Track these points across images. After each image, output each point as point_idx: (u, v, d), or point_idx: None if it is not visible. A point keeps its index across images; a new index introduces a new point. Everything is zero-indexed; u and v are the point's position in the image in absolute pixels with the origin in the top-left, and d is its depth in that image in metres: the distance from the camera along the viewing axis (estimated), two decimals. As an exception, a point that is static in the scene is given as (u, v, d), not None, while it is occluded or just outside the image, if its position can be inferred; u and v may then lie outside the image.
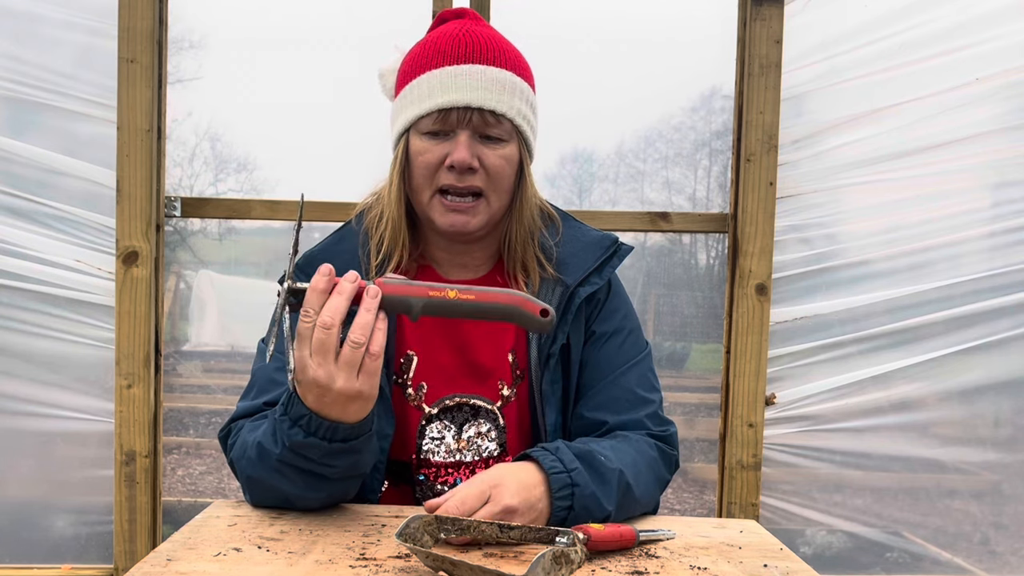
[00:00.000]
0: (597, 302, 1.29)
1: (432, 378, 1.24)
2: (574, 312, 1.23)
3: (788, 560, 0.99)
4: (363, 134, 2.16)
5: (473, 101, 1.15)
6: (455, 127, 1.16)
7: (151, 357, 2.04)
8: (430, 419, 1.24)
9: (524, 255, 1.26)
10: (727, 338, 2.12)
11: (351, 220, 1.31)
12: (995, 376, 2.13)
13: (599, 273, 1.26)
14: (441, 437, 1.23)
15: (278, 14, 2.18)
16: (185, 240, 2.30)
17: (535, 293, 1.25)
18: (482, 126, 1.16)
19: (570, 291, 1.23)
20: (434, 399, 1.24)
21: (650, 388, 1.29)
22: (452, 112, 1.15)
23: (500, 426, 1.24)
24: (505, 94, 1.17)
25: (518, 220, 1.25)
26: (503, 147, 1.19)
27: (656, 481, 1.20)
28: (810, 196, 2.11)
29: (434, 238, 1.27)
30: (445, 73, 1.16)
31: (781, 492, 2.15)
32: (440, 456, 1.23)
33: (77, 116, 2.03)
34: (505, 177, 1.20)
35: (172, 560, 0.90)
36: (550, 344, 1.22)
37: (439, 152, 1.17)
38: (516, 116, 1.18)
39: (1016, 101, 2.09)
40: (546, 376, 1.22)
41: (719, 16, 2.12)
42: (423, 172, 1.19)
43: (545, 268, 1.25)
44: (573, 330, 1.25)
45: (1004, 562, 2.18)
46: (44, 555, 2.09)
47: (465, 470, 1.24)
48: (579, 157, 2.34)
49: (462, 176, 1.17)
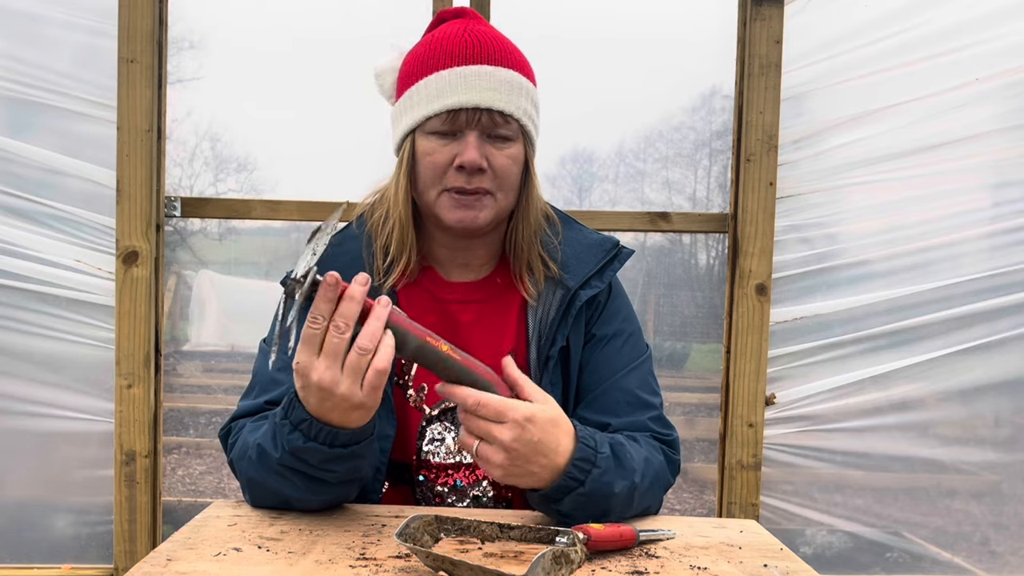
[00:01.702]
0: (598, 305, 1.29)
1: (433, 380, 1.24)
2: (574, 315, 1.23)
3: (788, 560, 0.99)
4: (363, 134, 2.16)
5: (483, 102, 1.15)
6: (464, 127, 1.16)
7: (151, 357, 2.04)
8: (430, 420, 1.24)
9: (530, 254, 1.26)
10: (727, 338, 2.12)
11: (351, 223, 1.31)
12: (995, 376, 2.13)
13: (600, 276, 1.26)
14: (441, 439, 1.24)
15: (278, 14, 2.18)
16: (185, 240, 2.30)
17: (539, 293, 1.25)
18: (490, 126, 1.17)
19: (571, 293, 1.23)
20: (434, 401, 1.24)
21: (651, 391, 1.29)
22: (461, 113, 1.15)
23: None
24: (513, 95, 1.17)
25: (524, 219, 1.25)
26: (510, 147, 1.19)
27: (661, 487, 1.20)
28: (810, 196, 2.11)
29: (438, 236, 1.27)
30: (454, 74, 1.16)
31: (781, 492, 2.15)
32: (440, 457, 1.23)
33: (77, 116, 2.03)
34: (512, 176, 1.20)
35: (172, 560, 0.90)
36: (549, 346, 1.23)
37: (447, 153, 1.17)
38: (523, 116, 1.19)
39: (1016, 101, 2.09)
40: (545, 377, 1.22)
41: (719, 16, 2.12)
42: (431, 172, 1.18)
43: (550, 267, 1.26)
44: (573, 332, 1.25)
45: (1004, 562, 2.18)
46: (44, 555, 2.09)
47: (465, 471, 1.24)
48: (579, 157, 2.34)
49: (471, 177, 1.17)
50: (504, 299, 1.28)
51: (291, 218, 2.12)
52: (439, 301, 1.27)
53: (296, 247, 1.25)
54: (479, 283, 1.29)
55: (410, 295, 1.26)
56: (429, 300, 1.27)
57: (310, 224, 2.20)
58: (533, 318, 1.24)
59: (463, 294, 1.28)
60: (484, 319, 1.26)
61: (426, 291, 1.27)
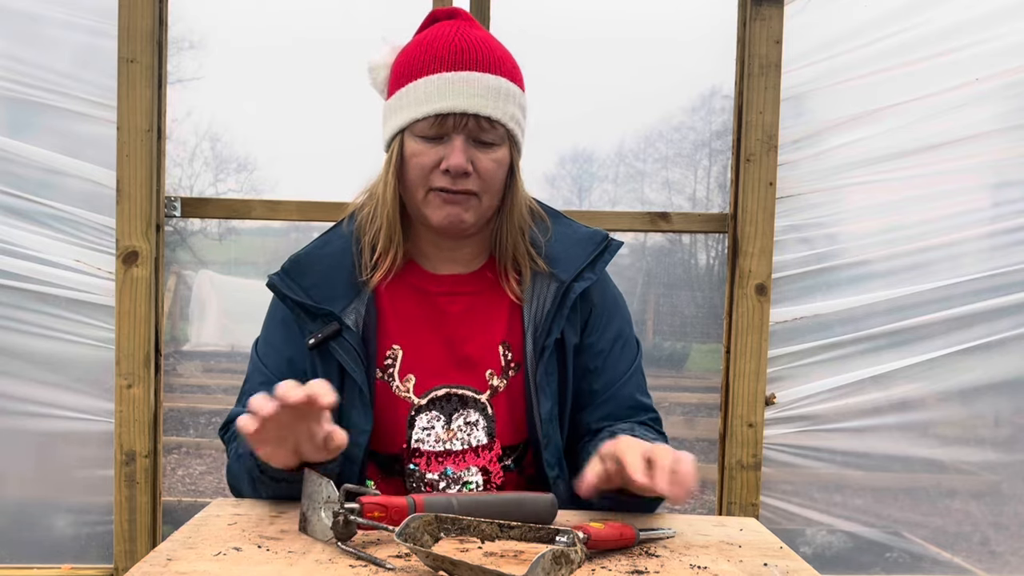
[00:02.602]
0: (594, 304, 1.32)
1: (419, 370, 1.27)
2: (569, 306, 1.26)
3: (788, 559, 0.99)
4: (363, 134, 2.16)
5: (470, 108, 1.18)
6: (450, 131, 1.19)
7: (151, 357, 2.04)
8: (419, 410, 1.26)
9: (515, 251, 1.29)
10: (727, 338, 2.12)
11: (343, 220, 1.34)
12: (995, 376, 2.13)
13: (592, 268, 1.29)
14: (431, 427, 1.26)
15: (278, 14, 2.18)
16: (185, 240, 2.30)
17: (528, 287, 1.28)
18: (477, 131, 1.19)
19: (565, 286, 1.26)
20: (423, 390, 1.26)
21: (645, 392, 1.36)
22: (449, 117, 1.18)
23: (489, 416, 1.27)
24: (500, 100, 1.20)
25: (508, 218, 1.28)
26: (495, 151, 1.22)
27: None
28: (810, 196, 2.11)
29: (424, 233, 1.30)
30: (443, 79, 1.18)
31: (781, 492, 2.15)
32: (430, 445, 1.26)
33: (77, 116, 2.03)
34: (497, 179, 1.23)
35: (172, 560, 0.90)
36: (545, 337, 1.25)
37: (434, 155, 1.20)
38: (509, 121, 1.22)
39: (1016, 101, 2.09)
40: (541, 367, 1.25)
41: (719, 16, 2.12)
42: (417, 173, 1.21)
43: (536, 262, 1.29)
44: (568, 324, 1.27)
45: (1004, 562, 2.18)
46: (44, 555, 2.08)
47: (454, 458, 1.26)
48: (579, 157, 2.34)
49: (456, 180, 1.19)
50: (497, 293, 1.30)
51: (291, 218, 2.12)
52: (425, 294, 1.29)
53: (296, 247, 1.23)
54: (469, 276, 1.31)
55: (392, 289, 1.29)
56: (413, 294, 1.29)
57: (310, 224, 2.20)
58: (528, 310, 1.27)
59: (451, 286, 1.30)
60: (474, 310, 1.29)
61: (410, 285, 1.29)
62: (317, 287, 1.25)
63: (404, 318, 1.28)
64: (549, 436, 1.25)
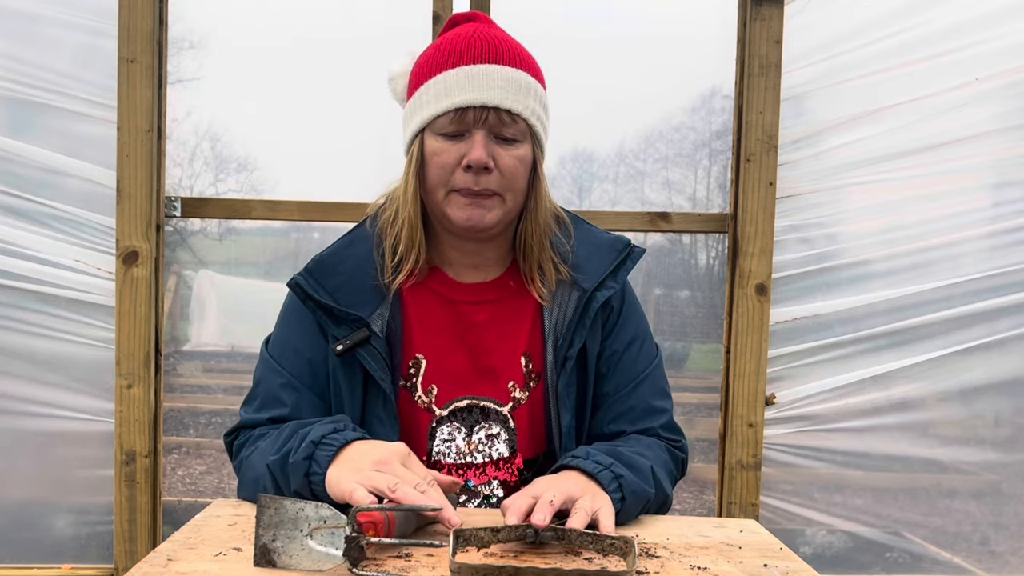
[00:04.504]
0: (612, 309, 1.30)
1: (443, 380, 1.24)
2: (591, 316, 1.23)
3: (788, 560, 0.99)
4: (363, 134, 2.16)
5: (489, 100, 1.15)
6: (471, 127, 1.16)
7: (151, 357, 2.04)
8: (440, 421, 1.24)
9: (540, 255, 1.26)
10: (727, 338, 2.12)
11: (365, 221, 1.31)
12: (995, 376, 2.13)
13: (614, 277, 1.26)
14: (452, 439, 1.24)
15: (278, 14, 2.18)
16: (185, 240, 2.29)
17: (552, 294, 1.25)
18: (498, 126, 1.16)
19: (587, 295, 1.23)
20: (444, 401, 1.24)
21: (663, 396, 1.32)
22: (468, 111, 1.15)
23: (511, 428, 1.25)
24: (520, 94, 1.17)
25: (533, 220, 1.24)
26: (517, 148, 1.19)
27: (669, 474, 1.24)
28: (810, 196, 2.11)
29: (447, 238, 1.27)
30: (461, 73, 1.16)
31: (781, 492, 2.15)
32: (451, 458, 1.24)
33: (77, 116, 2.03)
34: (520, 177, 1.20)
35: (172, 560, 0.90)
36: (567, 347, 1.23)
37: (455, 153, 1.17)
38: (531, 116, 1.18)
39: (1016, 101, 2.09)
40: (562, 379, 1.23)
41: (719, 16, 2.12)
42: (438, 172, 1.18)
43: (559, 269, 1.26)
44: (590, 334, 1.25)
45: (1004, 562, 2.18)
46: (44, 555, 2.09)
47: (475, 471, 1.24)
48: (579, 157, 2.33)
49: (478, 177, 1.16)
50: (519, 301, 1.28)
51: (291, 218, 2.12)
52: (450, 302, 1.27)
53: (296, 247, 1.23)
54: (491, 284, 1.29)
55: (416, 295, 1.26)
56: (438, 301, 1.27)
57: (310, 224, 2.20)
58: (549, 319, 1.24)
59: (475, 295, 1.27)
60: (498, 320, 1.26)
61: (434, 292, 1.27)
62: (342, 289, 1.21)
63: (428, 326, 1.25)
64: (567, 449, 1.22)
